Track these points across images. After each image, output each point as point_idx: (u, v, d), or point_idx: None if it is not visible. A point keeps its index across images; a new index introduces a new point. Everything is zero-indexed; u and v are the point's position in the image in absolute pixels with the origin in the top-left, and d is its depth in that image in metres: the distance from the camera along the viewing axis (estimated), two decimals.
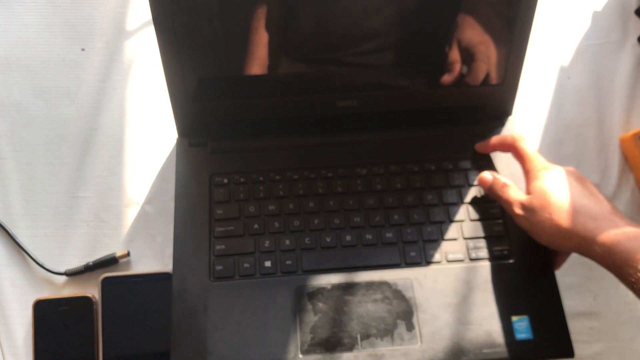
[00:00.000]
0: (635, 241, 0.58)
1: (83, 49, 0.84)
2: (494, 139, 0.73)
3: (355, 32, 0.68)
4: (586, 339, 0.75)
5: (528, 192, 0.66)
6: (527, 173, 0.68)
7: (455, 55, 0.71)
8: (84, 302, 0.73)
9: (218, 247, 0.68)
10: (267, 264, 0.68)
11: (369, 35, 0.68)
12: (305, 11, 0.66)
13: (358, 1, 0.65)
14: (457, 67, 0.72)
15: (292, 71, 0.71)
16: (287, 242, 0.69)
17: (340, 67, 0.70)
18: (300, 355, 0.63)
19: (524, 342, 0.64)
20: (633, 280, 0.56)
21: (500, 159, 0.75)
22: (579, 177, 0.65)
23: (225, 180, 0.72)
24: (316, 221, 0.70)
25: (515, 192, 0.67)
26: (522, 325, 0.65)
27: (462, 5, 0.67)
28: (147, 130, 0.82)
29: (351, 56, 0.70)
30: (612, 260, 0.58)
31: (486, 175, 0.71)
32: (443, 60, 0.71)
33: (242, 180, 0.72)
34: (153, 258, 0.76)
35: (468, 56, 0.71)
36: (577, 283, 0.77)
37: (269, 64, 0.69)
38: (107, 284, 0.73)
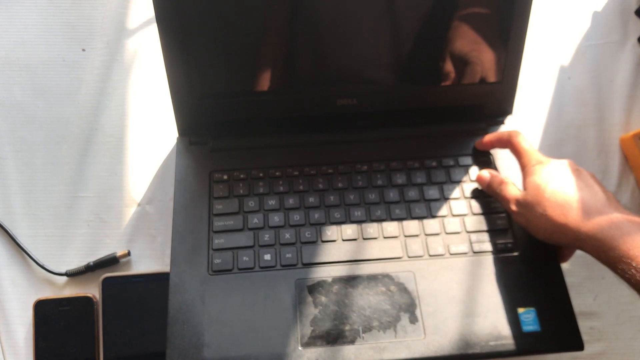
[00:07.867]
0: (617, 228, 0.56)
1: (83, 49, 0.85)
2: (492, 135, 0.73)
3: (354, 38, 0.68)
4: (586, 339, 0.73)
5: (524, 188, 0.65)
6: (523, 168, 0.67)
7: (452, 56, 0.71)
8: (85, 302, 0.73)
9: (217, 241, 0.68)
10: (267, 257, 0.67)
11: (368, 40, 0.69)
12: (307, 15, 0.67)
13: (356, 8, 0.66)
14: (455, 67, 0.72)
15: (293, 70, 0.71)
16: (287, 235, 0.68)
17: (340, 66, 0.71)
18: (300, 348, 0.62)
19: (531, 334, 0.63)
20: (628, 276, 0.55)
21: (501, 156, 0.75)
22: (575, 169, 0.64)
23: (225, 177, 0.72)
24: (316, 215, 0.70)
25: (511, 189, 0.66)
26: (528, 317, 0.64)
27: (459, 5, 0.68)
28: (148, 130, 0.82)
29: (351, 55, 0.70)
30: (605, 256, 0.57)
31: (484, 173, 0.71)
32: (441, 60, 0.71)
33: (242, 176, 0.72)
34: (153, 258, 0.76)
35: (466, 55, 0.71)
36: (577, 283, 0.76)
37: (270, 63, 0.70)
38: (107, 284, 0.73)
